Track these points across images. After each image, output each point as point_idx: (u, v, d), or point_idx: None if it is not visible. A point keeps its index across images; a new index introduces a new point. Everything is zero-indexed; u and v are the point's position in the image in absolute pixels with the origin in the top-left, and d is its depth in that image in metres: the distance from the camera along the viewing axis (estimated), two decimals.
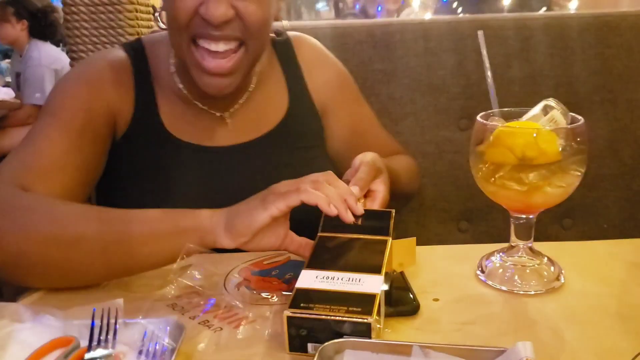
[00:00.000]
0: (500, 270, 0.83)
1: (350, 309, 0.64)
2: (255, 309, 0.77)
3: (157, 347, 0.65)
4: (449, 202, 1.39)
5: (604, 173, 1.39)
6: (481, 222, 1.42)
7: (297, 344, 0.66)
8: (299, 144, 1.11)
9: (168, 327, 0.67)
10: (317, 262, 0.74)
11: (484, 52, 0.87)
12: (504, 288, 0.80)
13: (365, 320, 0.63)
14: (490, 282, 0.81)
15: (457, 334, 0.70)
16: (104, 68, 1.04)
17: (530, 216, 0.81)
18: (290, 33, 1.18)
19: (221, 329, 0.73)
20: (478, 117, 0.80)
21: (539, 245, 0.84)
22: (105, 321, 0.67)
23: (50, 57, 3.60)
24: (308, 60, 1.15)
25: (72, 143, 0.96)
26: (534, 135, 0.75)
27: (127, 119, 1.03)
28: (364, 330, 0.63)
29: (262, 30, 0.96)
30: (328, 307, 0.65)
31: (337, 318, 0.64)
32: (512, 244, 0.83)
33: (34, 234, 0.80)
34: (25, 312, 0.69)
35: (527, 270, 0.82)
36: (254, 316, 0.75)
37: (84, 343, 0.66)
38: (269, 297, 0.80)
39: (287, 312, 0.65)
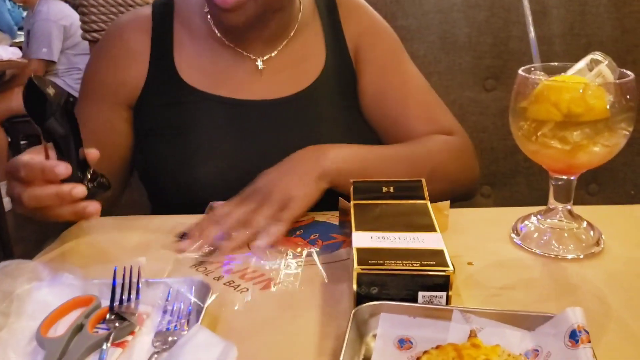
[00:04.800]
0: (536, 234, 0.79)
1: (424, 262, 0.61)
2: (282, 269, 0.74)
3: (182, 306, 0.62)
4: None
5: (633, 137, 1.34)
6: (504, 187, 1.38)
7: (365, 302, 0.61)
8: (334, 103, 1.03)
9: (193, 287, 0.64)
10: (364, 225, 0.69)
11: (526, 2, 0.81)
12: (539, 252, 0.76)
13: (445, 272, 0.59)
14: (525, 246, 0.78)
15: (496, 299, 0.67)
16: (116, 37, 1.03)
17: (572, 177, 0.77)
18: None
19: (247, 289, 0.70)
20: (520, 71, 0.75)
21: (576, 209, 0.80)
22: (127, 280, 0.64)
23: (59, 12, 3.53)
24: (347, 10, 1.07)
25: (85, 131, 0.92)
26: (581, 90, 0.70)
27: (141, 82, 1.00)
28: (443, 283, 0.59)
29: None
30: (400, 262, 0.61)
31: (414, 272, 0.60)
32: (551, 207, 0.79)
33: None
34: (43, 270, 0.66)
35: (565, 234, 0.78)
36: (280, 277, 0.72)
37: (105, 303, 0.63)
38: (297, 256, 0.77)
39: (358, 269, 0.61)
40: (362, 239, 0.66)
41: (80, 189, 0.71)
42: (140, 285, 0.64)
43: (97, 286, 0.65)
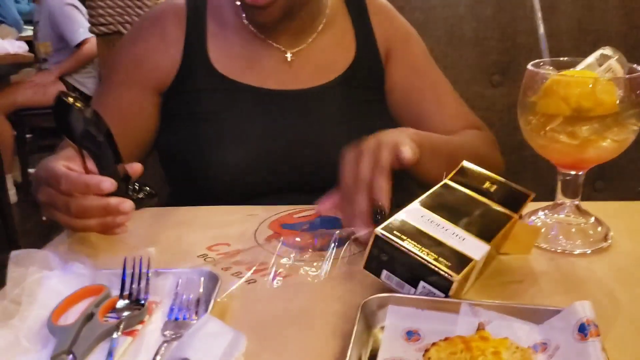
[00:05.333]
0: (543, 229, 0.79)
1: (441, 259, 0.61)
2: (289, 262, 0.74)
3: (192, 297, 0.62)
4: None
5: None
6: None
7: (373, 265, 0.63)
8: (363, 96, 1.07)
9: (202, 278, 0.64)
10: (431, 203, 0.69)
11: None
12: (547, 247, 0.76)
13: (449, 277, 0.59)
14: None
15: (503, 292, 0.67)
16: (152, 24, 1.05)
17: (580, 172, 0.77)
18: None
19: (255, 280, 0.70)
20: (529, 66, 0.75)
21: (584, 205, 0.80)
22: (136, 270, 0.64)
23: None
24: (378, 9, 1.11)
25: (109, 114, 0.93)
26: (591, 85, 0.70)
27: (175, 69, 1.02)
28: (443, 286, 0.60)
29: None
30: (419, 247, 0.61)
31: (422, 260, 0.60)
32: (558, 202, 0.79)
33: None
34: (54, 260, 0.66)
35: (573, 230, 0.78)
36: (287, 270, 0.72)
37: (115, 292, 0.63)
38: (304, 250, 0.77)
39: (378, 231, 0.62)
40: (412, 213, 0.66)
41: (128, 204, 0.71)
42: (149, 275, 0.64)
43: (106, 276, 0.66)
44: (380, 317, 0.59)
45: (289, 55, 1.05)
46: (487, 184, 0.75)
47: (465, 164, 0.78)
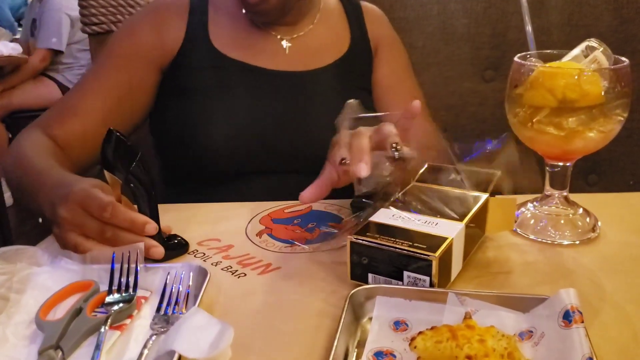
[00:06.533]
0: (532, 221, 0.79)
1: (416, 244, 0.62)
2: (279, 256, 0.75)
3: (181, 290, 0.63)
4: None
5: (633, 127, 1.34)
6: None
7: (358, 272, 0.65)
8: (354, 83, 1.12)
9: (191, 272, 0.65)
10: (401, 203, 0.71)
11: None
12: (536, 238, 0.77)
13: (427, 257, 0.60)
14: (521, 232, 0.78)
15: (492, 282, 0.67)
16: (157, 6, 1.09)
17: (567, 164, 0.77)
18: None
19: (244, 274, 0.70)
20: (516, 58, 0.76)
21: (573, 197, 0.81)
22: (125, 265, 0.64)
23: (69, 3, 3.49)
24: (372, 13, 1.18)
25: (107, 86, 1.03)
26: (576, 76, 0.70)
27: (177, 46, 1.05)
28: (425, 268, 0.61)
29: None
30: (393, 239, 0.63)
31: (398, 250, 0.62)
32: (547, 193, 0.80)
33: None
34: (42, 256, 0.67)
35: (562, 221, 0.78)
36: (278, 263, 0.73)
37: (104, 287, 0.64)
38: (295, 244, 0.78)
39: (351, 238, 0.64)
40: (383, 215, 0.68)
41: (159, 251, 0.71)
42: (138, 270, 0.64)
43: (95, 271, 0.66)
44: (369, 309, 0.60)
45: (284, 42, 1.09)
46: (453, 176, 0.78)
47: (428, 164, 0.81)
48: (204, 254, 0.75)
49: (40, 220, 0.88)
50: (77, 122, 1.00)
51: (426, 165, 0.80)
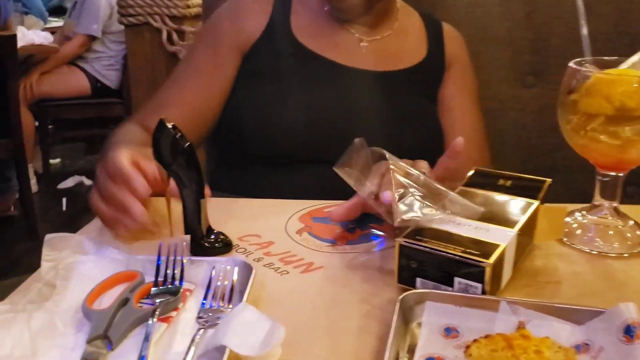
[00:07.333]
0: (579, 231, 0.77)
1: (468, 250, 0.60)
2: (321, 255, 0.74)
3: (225, 285, 0.62)
4: (508, 163, 1.33)
5: None
6: None
7: (405, 275, 0.64)
8: (424, 92, 1.14)
9: (236, 267, 0.64)
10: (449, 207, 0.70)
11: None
12: (582, 248, 0.75)
13: (481, 264, 0.59)
14: (568, 241, 0.76)
15: (541, 292, 0.65)
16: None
17: (620, 174, 0.75)
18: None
19: (287, 272, 0.70)
20: (571, 64, 0.74)
21: (622, 208, 0.79)
22: (171, 257, 0.64)
23: None
24: (451, 34, 1.20)
25: (195, 77, 1.09)
26: (636, 84, 0.69)
27: (258, 32, 1.09)
28: (477, 274, 0.59)
29: None
30: (444, 244, 0.62)
31: (450, 255, 0.60)
32: (596, 203, 0.78)
33: None
34: (88, 244, 0.67)
35: (610, 232, 0.76)
36: (320, 263, 0.72)
37: (148, 278, 0.63)
38: (336, 244, 0.77)
39: (400, 240, 0.63)
40: (434, 220, 0.66)
41: (143, 215, 0.67)
42: (184, 262, 0.64)
43: (140, 262, 0.65)
44: (417, 313, 0.58)
45: (362, 42, 1.12)
46: (501, 181, 0.77)
47: (477, 168, 0.80)
48: (245, 249, 0.75)
49: (64, 207, 0.87)
50: (168, 114, 0.99)
51: (474, 170, 0.79)
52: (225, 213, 0.85)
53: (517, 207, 0.71)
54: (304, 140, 1.03)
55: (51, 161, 3.95)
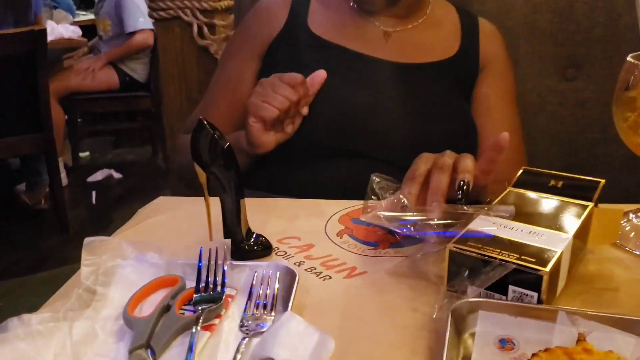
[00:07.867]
0: (633, 233, 0.74)
1: (524, 257, 0.57)
2: (363, 259, 0.71)
3: (268, 291, 0.60)
4: (547, 158, 1.29)
5: None
6: None
7: (455, 282, 0.61)
8: (452, 85, 1.09)
9: (279, 272, 0.62)
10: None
11: None
12: (638, 252, 0.71)
13: (537, 272, 0.56)
14: (622, 244, 0.73)
15: (598, 300, 0.62)
16: (261, 4, 1.15)
17: None
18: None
19: (330, 277, 0.67)
20: (629, 57, 0.70)
21: None
22: (212, 262, 0.62)
23: None
24: (488, 30, 1.16)
25: (232, 77, 1.11)
26: None
27: (276, 32, 1.10)
28: (533, 283, 0.56)
29: None
30: (497, 250, 0.58)
31: (504, 262, 0.57)
32: None
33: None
34: (127, 248, 0.65)
35: None
36: (363, 267, 0.69)
37: (189, 284, 0.61)
38: (378, 247, 0.74)
39: (451, 246, 0.60)
40: (482, 223, 0.64)
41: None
42: (225, 268, 0.62)
43: (180, 266, 0.64)
44: (470, 323, 0.56)
45: (386, 33, 1.10)
46: (552, 182, 0.73)
47: (525, 169, 0.76)
48: (286, 253, 0.73)
49: (94, 201, 0.86)
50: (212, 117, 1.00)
51: (522, 169, 0.76)
52: (262, 213, 0.83)
53: (571, 209, 0.67)
54: (329, 130, 1.00)
55: (80, 154, 3.99)
